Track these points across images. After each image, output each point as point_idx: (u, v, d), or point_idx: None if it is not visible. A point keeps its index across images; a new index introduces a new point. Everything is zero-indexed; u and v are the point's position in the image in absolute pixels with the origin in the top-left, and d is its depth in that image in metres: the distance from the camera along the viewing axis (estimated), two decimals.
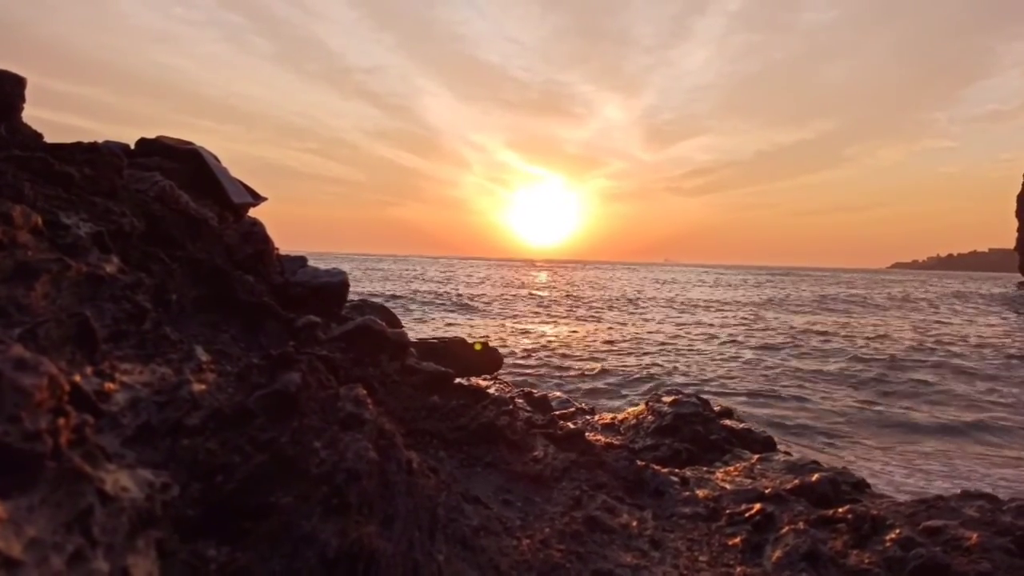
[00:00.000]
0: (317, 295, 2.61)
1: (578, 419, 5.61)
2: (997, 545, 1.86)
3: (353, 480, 1.21)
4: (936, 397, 10.37)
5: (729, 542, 1.94)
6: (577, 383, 10.65)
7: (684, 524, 2.09)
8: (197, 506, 1.11)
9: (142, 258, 1.98)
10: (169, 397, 1.23)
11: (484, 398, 2.48)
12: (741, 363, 12.99)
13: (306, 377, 1.42)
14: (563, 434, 2.57)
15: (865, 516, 1.97)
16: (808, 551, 1.78)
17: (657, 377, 11.24)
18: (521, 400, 5.83)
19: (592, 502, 2.05)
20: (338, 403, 1.43)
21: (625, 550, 1.77)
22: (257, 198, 2.97)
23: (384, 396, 2.24)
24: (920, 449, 7.37)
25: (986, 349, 15.24)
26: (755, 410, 8.96)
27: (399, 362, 2.43)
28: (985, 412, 9.27)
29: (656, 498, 2.31)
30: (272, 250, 2.56)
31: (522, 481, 2.11)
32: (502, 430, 2.30)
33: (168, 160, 2.82)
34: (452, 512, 1.71)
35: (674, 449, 4.37)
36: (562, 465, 2.29)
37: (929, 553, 1.72)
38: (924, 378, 11.90)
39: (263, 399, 1.32)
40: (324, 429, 1.33)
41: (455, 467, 2.07)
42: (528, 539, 1.66)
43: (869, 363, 13.17)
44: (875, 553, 1.78)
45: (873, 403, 9.82)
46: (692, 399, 5.05)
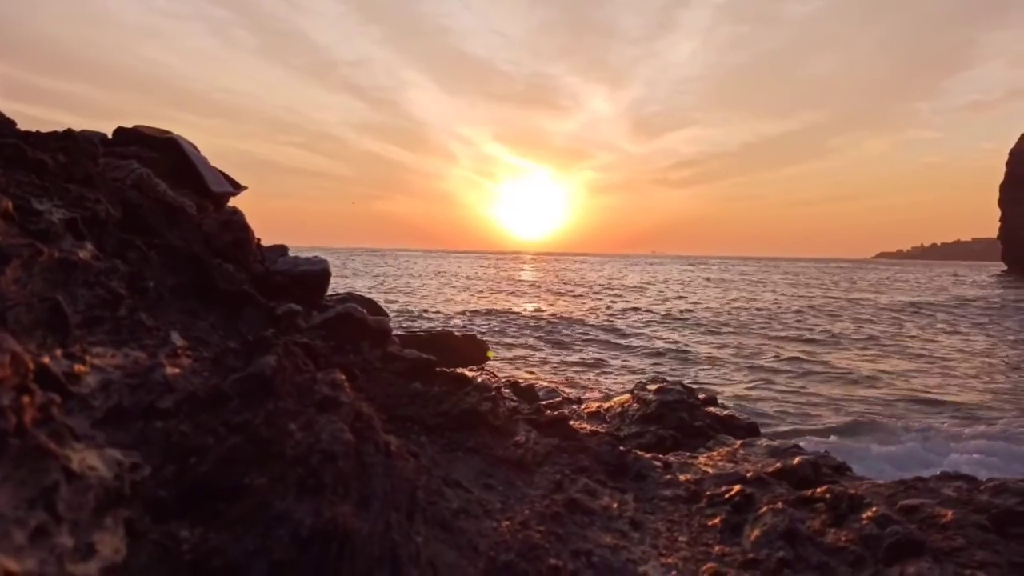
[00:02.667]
0: (298, 283, 2.60)
1: (564, 408, 5.64)
2: (972, 522, 1.88)
3: (328, 461, 1.20)
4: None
5: (709, 522, 1.95)
6: (567, 374, 10.69)
7: (665, 506, 2.11)
8: (170, 488, 1.10)
9: (118, 245, 1.96)
10: (142, 380, 1.23)
11: (466, 384, 2.48)
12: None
13: (282, 361, 1.41)
14: (546, 420, 2.58)
15: (843, 495, 1.99)
16: (786, 529, 1.79)
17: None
18: (507, 390, 5.84)
19: (573, 485, 2.06)
20: (315, 386, 1.43)
21: (605, 531, 1.78)
22: (237, 187, 2.95)
23: (365, 383, 2.23)
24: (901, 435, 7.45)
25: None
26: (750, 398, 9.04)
27: (381, 349, 2.43)
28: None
29: (638, 482, 2.33)
30: (251, 238, 2.54)
31: (504, 465, 2.12)
32: (484, 416, 2.31)
33: (146, 149, 2.80)
34: (432, 495, 1.72)
35: (659, 436, 4.40)
36: (544, 450, 2.30)
37: (905, 530, 1.74)
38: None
39: (238, 382, 1.32)
40: (300, 412, 1.33)
41: (437, 452, 2.07)
42: (508, 521, 1.67)
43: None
44: (852, 531, 1.80)
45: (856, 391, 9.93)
46: (677, 387, 5.08)
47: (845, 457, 4.00)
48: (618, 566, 1.60)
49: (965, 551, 1.72)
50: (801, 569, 1.69)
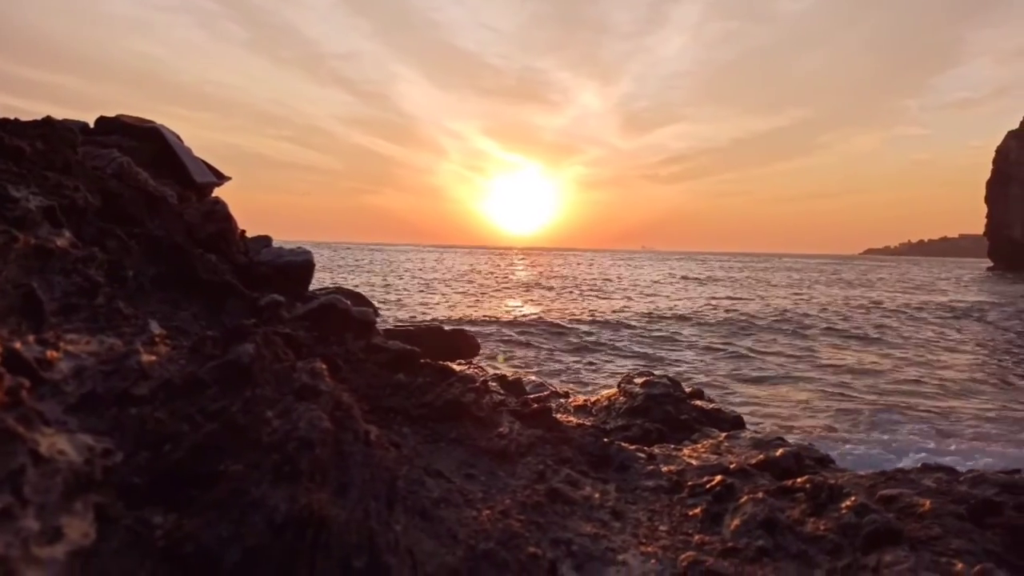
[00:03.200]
0: (282, 274, 2.59)
1: (552, 401, 5.64)
2: (948, 511, 1.90)
3: (305, 448, 1.20)
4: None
5: (689, 512, 1.96)
6: (557, 368, 10.71)
7: (647, 496, 2.12)
8: (144, 474, 1.10)
9: (97, 234, 1.95)
10: (116, 367, 1.22)
11: (450, 376, 2.48)
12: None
13: (260, 349, 1.41)
14: (530, 411, 2.58)
15: (822, 485, 2.01)
16: (765, 519, 1.80)
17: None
18: (495, 383, 5.84)
19: (556, 476, 2.06)
20: (294, 375, 1.42)
21: (586, 520, 1.79)
22: (221, 177, 2.93)
23: (348, 373, 2.23)
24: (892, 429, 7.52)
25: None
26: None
27: (364, 340, 2.42)
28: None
29: (621, 472, 2.33)
30: (234, 229, 2.53)
31: (486, 456, 2.12)
32: (468, 407, 2.30)
33: (128, 138, 2.77)
34: (413, 484, 1.72)
35: (645, 429, 4.41)
36: (527, 441, 2.30)
37: (882, 519, 1.76)
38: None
39: (215, 369, 1.31)
40: (278, 399, 1.33)
41: (419, 442, 2.07)
42: (488, 510, 1.67)
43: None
44: (831, 520, 1.81)
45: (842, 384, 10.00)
46: (663, 380, 5.09)
47: (830, 450, 4.03)
48: (597, 554, 1.61)
49: (941, 540, 1.74)
50: (780, 558, 1.70)
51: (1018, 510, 2.20)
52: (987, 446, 6.78)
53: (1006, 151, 76.91)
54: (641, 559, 1.61)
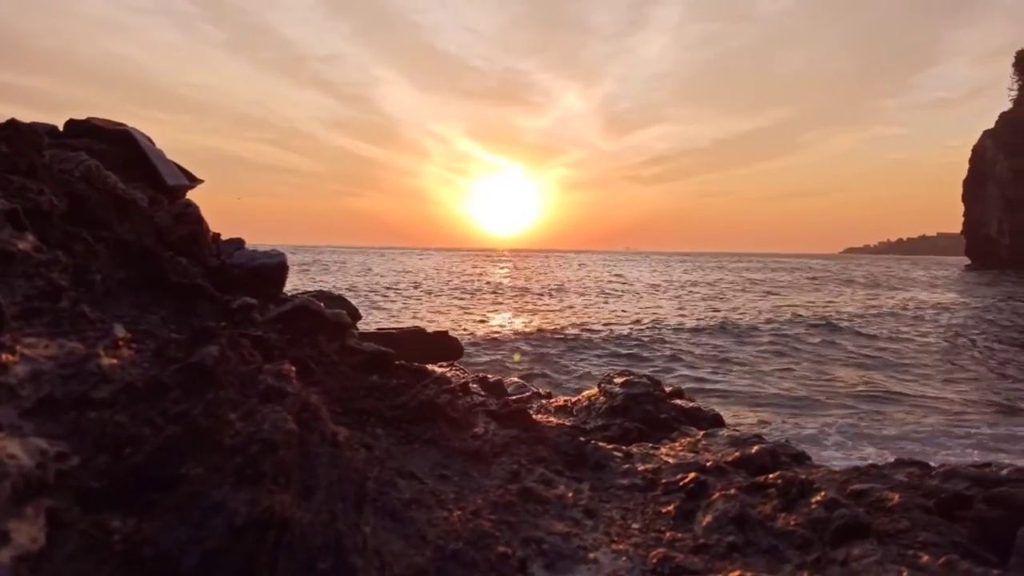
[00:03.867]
0: (255, 277, 2.57)
1: (533, 402, 5.64)
2: (917, 504, 1.93)
3: (269, 450, 1.19)
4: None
5: (663, 510, 1.97)
6: (542, 371, 10.72)
7: (621, 495, 2.12)
8: (103, 478, 1.08)
9: (63, 237, 1.92)
10: (76, 370, 1.20)
11: (425, 377, 2.48)
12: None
13: (225, 351, 1.40)
14: (506, 412, 2.58)
15: (794, 481, 2.02)
16: (737, 515, 1.82)
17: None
18: (475, 385, 5.83)
19: (530, 475, 2.07)
20: (259, 377, 1.41)
21: (558, 519, 1.79)
22: (193, 180, 2.91)
23: (321, 375, 2.22)
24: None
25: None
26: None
27: (338, 342, 2.41)
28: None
29: (596, 471, 2.34)
30: (206, 231, 2.51)
31: (460, 457, 2.12)
32: (442, 408, 2.30)
33: (98, 141, 2.74)
34: (384, 486, 1.71)
35: (624, 428, 4.42)
36: (502, 441, 2.30)
37: (852, 513, 1.78)
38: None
39: (178, 372, 1.30)
40: (242, 402, 1.32)
41: (392, 444, 2.06)
42: (460, 511, 1.67)
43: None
44: (801, 515, 1.83)
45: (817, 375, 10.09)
46: (643, 380, 5.11)
47: (813, 447, 4.06)
48: (568, 552, 1.61)
49: (909, 533, 1.76)
50: (750, 553, 1.71)
51: (987, 503, 2.23)
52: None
53: (982, 150, 78.04)
54: (612, 556, 1.62)
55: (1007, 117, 78.80)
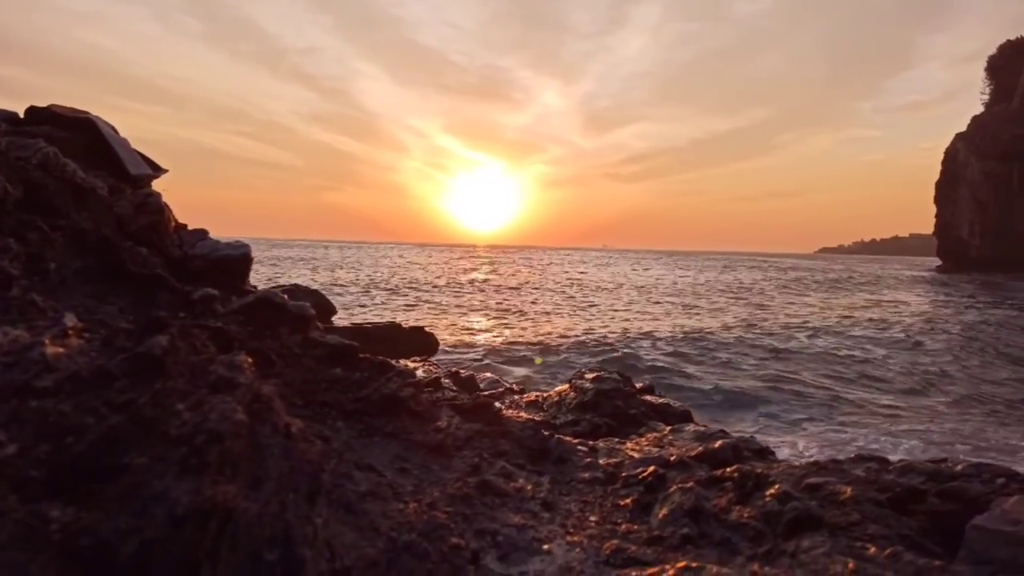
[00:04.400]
0: (218, 268, 2.55)
1: (506, 398, 5.65)
2: (868, 498, 1.96)
3: (214, 441, 1.19)
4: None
5: (621, 502, 1.99)
6: (513, 367, 10.74)
7: (581, 488, 2.14)
8: (43, 467, 1.07)
9: (17, 225, 1.89)
10: (17, 359, 1.19)
11: (389, 371, 2.47)
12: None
13: (175, 341, 1.38)
14: (470, 405, 2.58)
15: (750, 474, 2.05)
16: (692, 507, 1.84)
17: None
18: (447, 380, 5.83)
19: (490, 468, 2.07)
20: (210, 367, 1.40)
21: (515, 512, 1.80)
22: (157, 169, 2.87)
23: (282, 368, 2.20)
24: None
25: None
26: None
27: (301, 335, 2.40)
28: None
29: (558, 465, 2.35)
30: (168, 221, 2.48)
31: (422, 450, 2.12)
32: (405, 401, 2.30)
33: (59, 129, 2.69)
34: (340, 479, 1.71)
35: (594, 424, 4.45)
36: (465, 435, 2.31)
37: (803, 506, 1.81)
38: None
39: (125, 362, 1.29)
40: (191, 392, 1.31)
41: (353, 437, 2.06)
42: (416, 503, 1.67)
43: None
44: (755, 508, 1.86)
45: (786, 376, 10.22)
46: (614, 375, 5.14)
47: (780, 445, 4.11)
48: (523, 544, 1.62)
49: (859, 525, 1.79)
50: (704, 545, 1.73)
51: (940, 497, 2.27)
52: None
53: (954, 153, 79.39)
54: (566, 548, 1.63)
55: (979, 120, 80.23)
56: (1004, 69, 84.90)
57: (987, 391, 10.15)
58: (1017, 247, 67.17)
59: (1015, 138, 70.00)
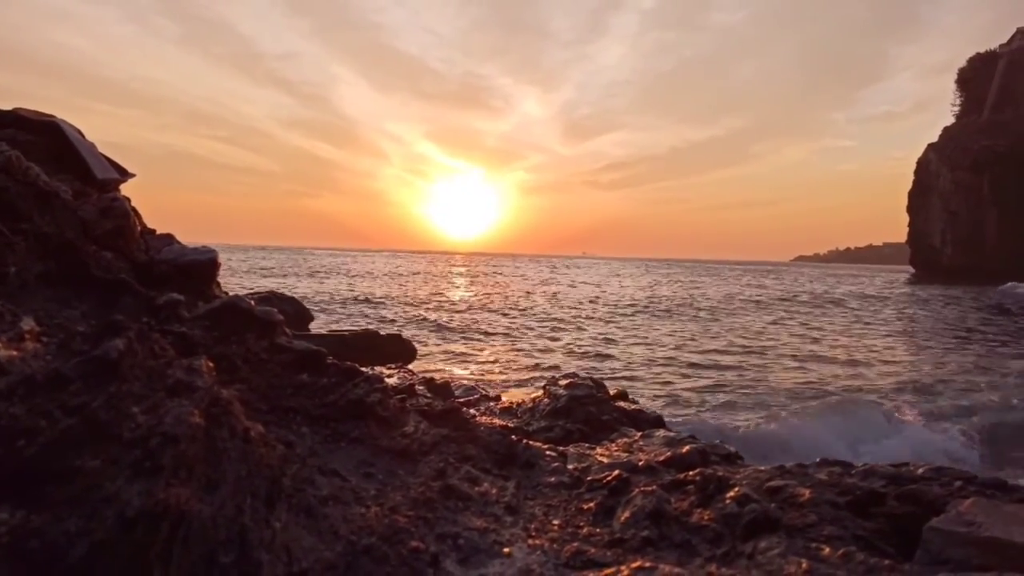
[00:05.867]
0: (184, 273, 2.54)
1: (480, 405, 5.66)
2: (827, 500, 2.00)
3: (169, 444, 1.19)
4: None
5: (584, 506, 2.01)
6: (490, 375, 10.74)
7: (547, 492, 2.15)
8: None
9: None
10: None
11: (356, 376, 2.47)
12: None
13: (133, 345, 1.38)
14: (438, 411, 2.59)
15: (712, 477, 2.08)
16: (653, 510, 1.86)
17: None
18: (422, 387, 5.82)
19: (456, 473, 2.08)
20: (168, 371, 1.40)
21: (479, 516, 1.81)
22: (124, 174, 2.86)
23: (248, 373, 2.20)
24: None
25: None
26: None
27: (268, 340, 2.39)
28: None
29: (525, 470, 2.37)
30: (134, 226, 2.46)
31: (387, 455, 2.12)
32: (372, 407, 2.30)
33: (24, 132, 2.67)
34: (302, 483, 1.71)
35: (566, 430, 4.47)
36: (432, 440, 2.31)
37: (762, 508, 1.84)
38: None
39: (80, 365, 1.28)
40: (147, 395, 1.31)
41: (318, 442, 2.06)
42: (378, 507, 1.68)
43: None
44: (715, 510, 1.88)
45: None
46: (587, 382, 5.17)
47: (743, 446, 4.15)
48: (484, 547, 1.63)
49: (816, 527, 1.82)
50: (664, 547, 1.75)
51: (899, 500, 2.32)
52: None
53: (926, 163, 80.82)
54: (527, 551, 1.65)
55: (950, 131, 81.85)
56: (973, 81, 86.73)
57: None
58: (988, 256, 68.51)
59: (985, 149, 71.49)
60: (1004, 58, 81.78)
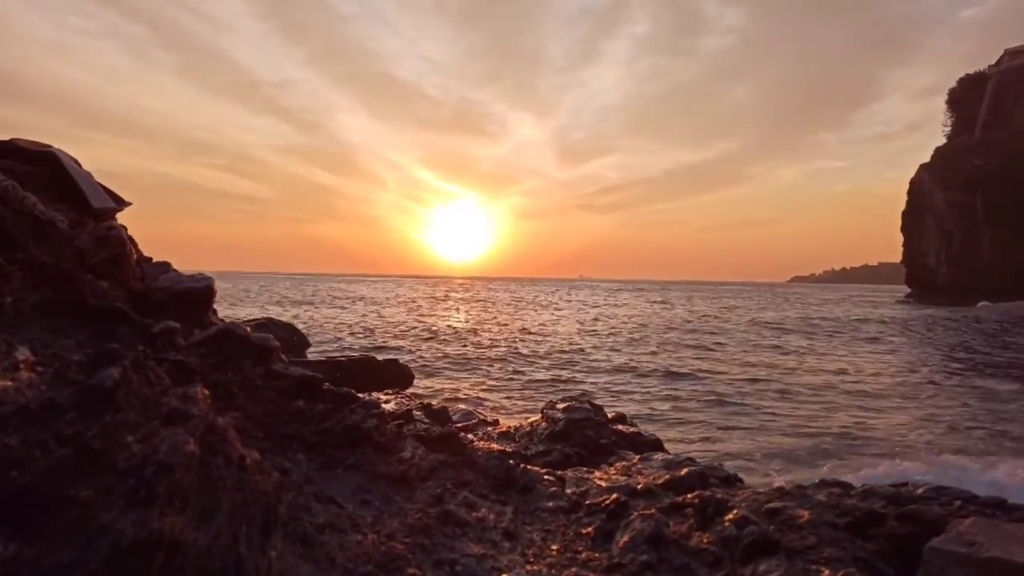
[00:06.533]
0: (180, 301, 2.54)
1: (478, 430, 5.62)
2: (826, 521, 1.99)
3: (164, 473, 1.18)
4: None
5: (583, 531, 1.99)
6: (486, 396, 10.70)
7: (545, 517, 2.14)
8: None
9: None
10: None
11: (353, 402, 2.46)
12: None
13: (128, 373, 1.38)
14: (435, 436, 2.58)
15: (710, 500, 2.07)
16: (652, 534, 1.85)
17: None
18: (419, 412, 5.79)
19: (453, 499, 2.07)
20: (163, 399, 1.40)
21: (476, 542, 1.80)
22: (120, 203, 2.87)
23: (244, 400, 2.19)
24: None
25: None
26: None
27: (264, 367, 2.39)
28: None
29: (523, 495, 2.35)
30: (130, 254, 2.47)
31: (384, 481, 2.11)
32: (368, 433, 2.29)
33: (21, 163, 2.69)
34: (298, 511, 1.70)
35: (565, 454, 4.44)
36: (429, 465, 2.30)
37: (761, 530, 1.83)
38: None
39: (75, 394, 1.28)
40: (142, 424, 1.30)
41: (314, 469, 2.05)
42: (375, 534, 1.67)
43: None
44: (714, 533, 1.87)
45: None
46: (584, 405, 5.15)
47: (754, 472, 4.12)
48: (482, 574, 1.62)
49: (815, 549, 1.81)
50: (663, 571, 1.74)
51: (899, 520, 2.31)
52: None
53: (919, 183, 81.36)
54: None
55: (942, 152, 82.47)
56: (964, 101, 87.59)
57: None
58: (983, 274, 68.69)
59: (977, 168, 72.00)
60: (993, 79, 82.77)
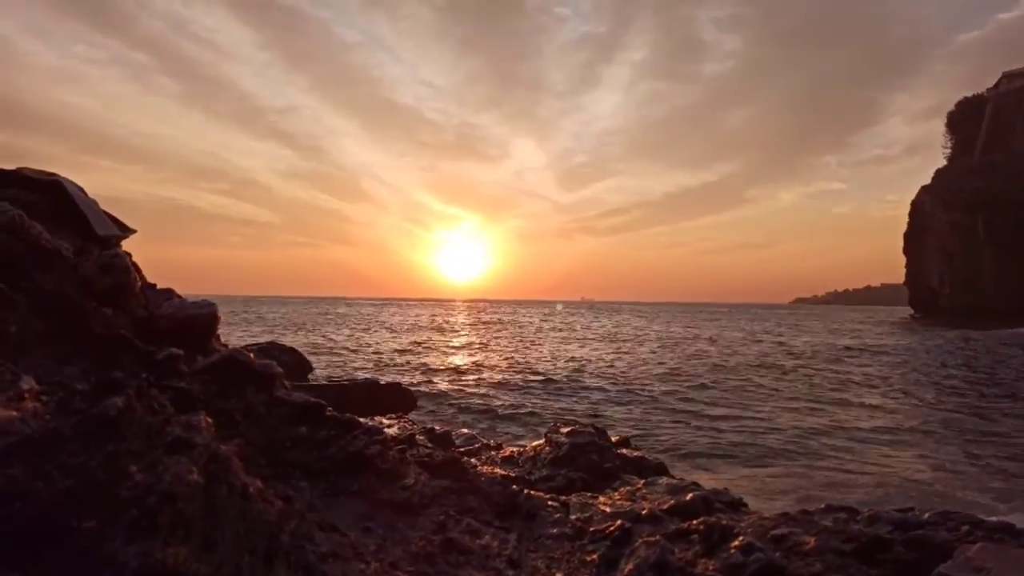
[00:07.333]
0: (184, 327, 2.55)
1: (482, 454, 5.59)
2: (831, 548, 1.97)
3: (167, 502, 1.18)
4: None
5: (587, 558, 1.98)
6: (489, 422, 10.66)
7: (549, 544, 2.13)
8: None
9: None
10: None
11: (356, 428, 2.46)
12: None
13: (131, 402, 1.38)
14: (439, 461, 2.57)
15: (715, 526, 2.05)
16: (656, 561, 1.83)
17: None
18: (422, 437, 5.76)
19: (456, 526, 2.06)
20: (166, 428, 1.40)
21: (480, 570, 1.79)
22: (125, 230, 2.89)
23: (247, 428, 2.19)
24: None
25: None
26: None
27: (267, 394, 2.39)
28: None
29: (527, 521, 2.34)
30: (134, 282, 2.48)
31: (387, 508, 2.10)
32: (371, 459, 2.29)
33: (27, 191, 2.71)
34: (301, 539, 1.69)
35: (569, 478, 4.41)
36: (432, 492, 2.29)
37: (767, 557, 1.81)
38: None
39: (79, 424, 1.28)
40: (146, 453, 1.30)
41: (317, 496, 2.04)
42: (378, 563, 1.66)
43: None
44: (720, 560, 1.86)
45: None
46: (588, 429, 5.12)
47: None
48: None
49: (821, 575, 1.80)
50: None
51: (905, 546, 2.29)
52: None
53: (920, 205, 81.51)
54: None
55: (942, 173, 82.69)
56: (963, 124, 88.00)
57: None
58: (986, 295, 68.57)
59: (978, 190, 72.12)
60: (991, 102, 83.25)
